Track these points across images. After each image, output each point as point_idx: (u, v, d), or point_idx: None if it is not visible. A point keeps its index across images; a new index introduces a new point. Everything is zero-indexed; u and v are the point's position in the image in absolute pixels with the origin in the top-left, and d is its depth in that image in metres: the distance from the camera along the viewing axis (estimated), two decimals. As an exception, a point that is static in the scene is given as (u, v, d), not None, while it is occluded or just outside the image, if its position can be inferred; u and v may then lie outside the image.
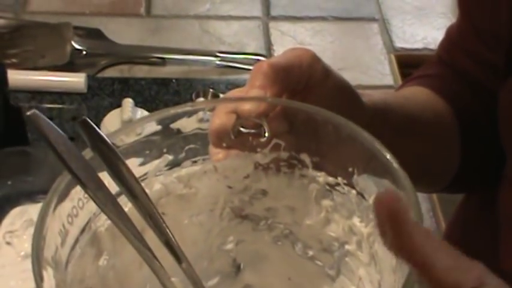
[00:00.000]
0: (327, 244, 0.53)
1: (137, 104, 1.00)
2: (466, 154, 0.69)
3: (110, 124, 0.96)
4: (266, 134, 0.51)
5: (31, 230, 0.77)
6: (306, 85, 0.54)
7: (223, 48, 1.17)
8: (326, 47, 1.21)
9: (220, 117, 0.51)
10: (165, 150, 0.52)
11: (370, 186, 0.49)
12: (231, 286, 0.56)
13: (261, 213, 0.54)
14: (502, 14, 0.63)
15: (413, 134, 0.65)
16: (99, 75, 1.10)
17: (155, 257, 0.45)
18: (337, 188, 0.51)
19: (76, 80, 1.04)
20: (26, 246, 0.75)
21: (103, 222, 0.48)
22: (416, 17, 1.30)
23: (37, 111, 0.42)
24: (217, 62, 1.13)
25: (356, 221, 0.51)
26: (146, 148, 0.51)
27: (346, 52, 1.22)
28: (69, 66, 1.09)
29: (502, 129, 0.65)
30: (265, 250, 0.56)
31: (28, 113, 0.42)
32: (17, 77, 1.02)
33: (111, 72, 1.11)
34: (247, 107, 0.51)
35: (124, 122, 0.94)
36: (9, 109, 0.90)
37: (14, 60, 1.09)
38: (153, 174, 0.52)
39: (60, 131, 0.43)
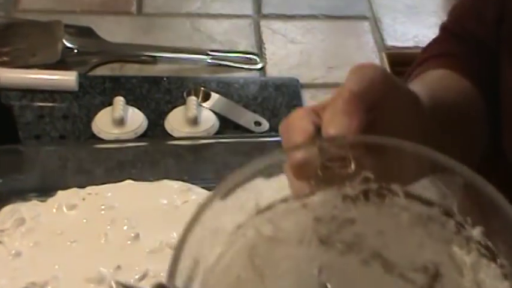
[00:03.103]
0: (420, 265, 0.50)
1: (128, 102, 1.00)
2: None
3: (101, 122, 0.96)
4: (352, 167, 0.49)
5: (22, 229, 0.78)
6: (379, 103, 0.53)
7: (214, 47, 1.17)
8: (317, 45, 1.21)
9: (301, 150, 0.49)
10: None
11: (470, 216, 0.47)
12: None
13: (348, 238, 0.52)
14: None
15: (454, 127, 0.65)
16: (91, 73, 1.10)
17: None
18: (433, 217, 0.49)
19: (67, 78, 1.04)
20: (17, 244, 0.75)
21: None
22: (408, 15, 1.30)
23: None
24: (209, 60, 1.13)
25: (455, 248, 0.48)
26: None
27: (337, 50, 1.22)
28: (60, 65, 1.09)
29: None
30: (353, 272, 0.53)
31: None
32: (8, 75, 1.02)
33: (103, 71, 1.11)
34: (331, 148, 0.49)
35: (115, 120, 0.95)
36: (0, 108, 0.90)
37: (5, 58, 1.09)
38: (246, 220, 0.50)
39: None
